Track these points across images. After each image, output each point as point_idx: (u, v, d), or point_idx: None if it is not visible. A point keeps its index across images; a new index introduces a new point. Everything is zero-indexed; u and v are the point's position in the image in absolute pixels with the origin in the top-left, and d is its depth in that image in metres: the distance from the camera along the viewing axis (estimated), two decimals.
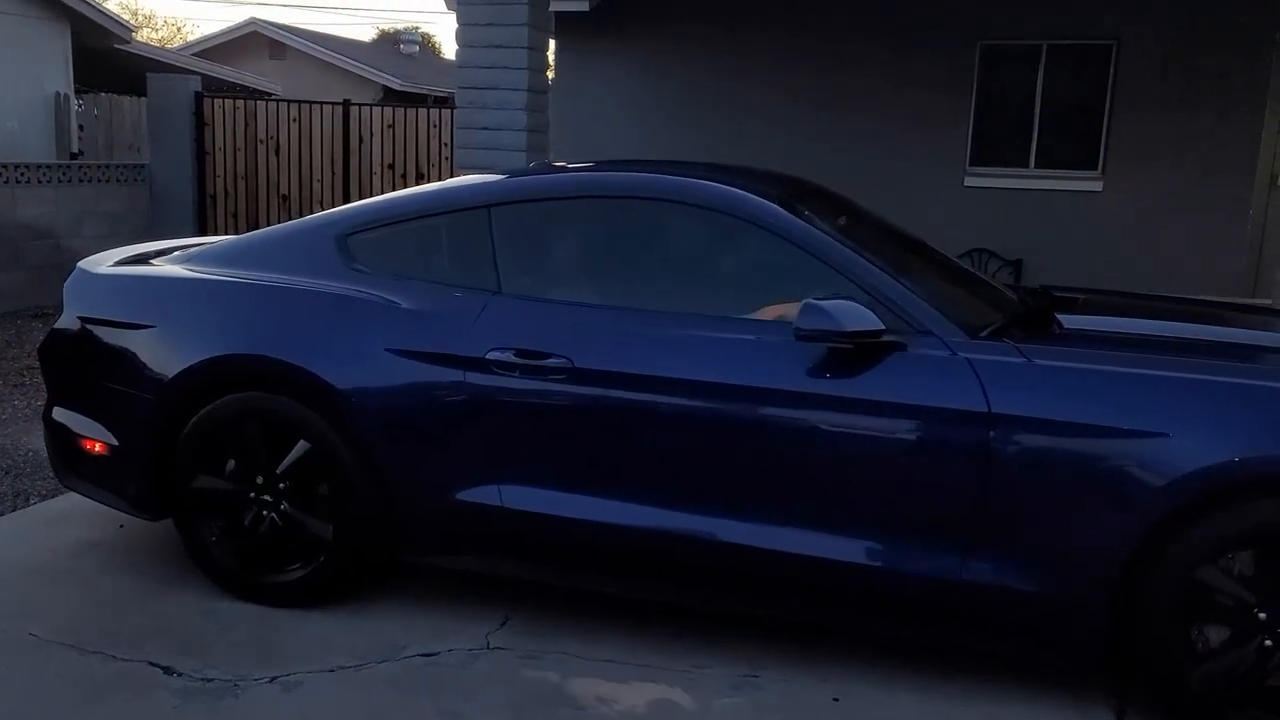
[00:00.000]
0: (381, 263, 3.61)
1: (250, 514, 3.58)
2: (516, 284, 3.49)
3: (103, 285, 3.89)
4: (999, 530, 2.96)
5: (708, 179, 3.52)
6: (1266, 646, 2.81)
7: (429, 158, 11.03)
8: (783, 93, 9.97)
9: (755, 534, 3.15)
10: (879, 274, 3.19)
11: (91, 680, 3.12)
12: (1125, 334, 3.40)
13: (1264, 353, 3.42)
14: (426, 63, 29.24)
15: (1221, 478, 2.77)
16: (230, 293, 3.65)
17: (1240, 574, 2.83)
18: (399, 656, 3.29)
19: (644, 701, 3.07)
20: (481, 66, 7.18)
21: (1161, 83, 9.06)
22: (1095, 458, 2.86)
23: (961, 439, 2.95)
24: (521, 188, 3.68)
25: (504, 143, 7.13)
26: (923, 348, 3.05)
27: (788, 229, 3.29)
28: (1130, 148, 9.23)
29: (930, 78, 9.64)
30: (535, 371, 3.29)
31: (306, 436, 3.46)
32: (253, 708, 2.99)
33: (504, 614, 3.59)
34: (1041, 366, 2.97)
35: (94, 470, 3.83)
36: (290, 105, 11.47)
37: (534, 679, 3.18)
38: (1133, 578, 2.87)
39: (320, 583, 3.54)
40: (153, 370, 3.61)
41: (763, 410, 3.12)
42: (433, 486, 3.40)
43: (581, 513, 3.29)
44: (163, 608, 3.58)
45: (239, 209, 11.52)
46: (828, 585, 3.15)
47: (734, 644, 3.41)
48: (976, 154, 9.69)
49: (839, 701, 3.09)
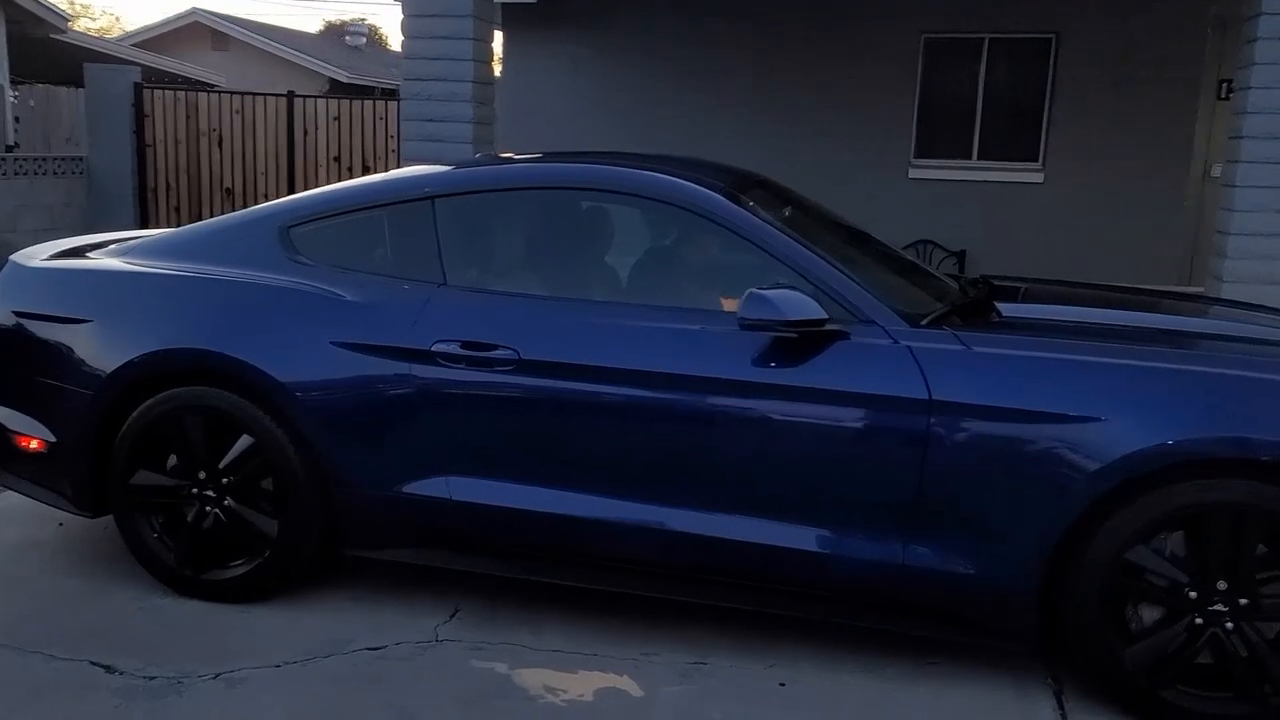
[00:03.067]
0: (324, 255, 3.58)
1: (192, 510, 3.53)
2: (462, 276, 3.48)
3: (38, 279, 3.81)
4: (939, 515, 3.01)
5: (652, 170, 3.53)
6: (1197, 625, 2.88)
7: (375, 150, 10.94)
8: (728, 86, 10.01)
9: (703, 522, 3.18)
10: (822, 264, 3.22)
11: (30, 681, 3.07)
12: (1062, 322, 3.47)
13: (1196, 339, 3.51)
14: (374, 55, 28.96)
15: (1155, 461, 2.83)
16: (170, 286, 3.60)
17: (1172, 554, 2.91)
18: (345, 650, 3.27)
19: (592, 690, 3.08)
20: (427, 58, 7.14)
21: (1100, 76, 9.23)
22: (1032, 442, 2.92)
23: (903, 426, 2.99)
24: (466, 179, 3.67)
25: (450, 134, 7.10)
26: (865, 336, 3.09)
27: (731, 219, 3.31)
28: (1070, 140, 9.40)
29: (874, 71, 9.73)
30: (482, 363, 3.28)
31: (249, 431, 3.43)
32: (196, 706, 2.96)
33: (453, 606, 3.58)
34: (980, 354, 3.02)
35: (31, 468, 3.76)
36: (233, 97, 11.32)
37: (482, 670, 3.18)
38: (1067, 559, 2.94)
39: (264, 578, 3.51)
40: (90, 365, 3.55)
41: (708, 399, 3.14)
42: (379, 480, 3.39)
43: (530, 504, 3.30)
44: (104, 606, 3.53)
45: (181, 202, 11.34)
46: (774, 572, 3.18)
47: (682, 632, 3.43)
48: (920, 146, 9.81)
49: (785, 686, 3.13)
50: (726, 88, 10.00)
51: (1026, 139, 9.57)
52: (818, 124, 9.78)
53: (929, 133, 9.77)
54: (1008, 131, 9.60)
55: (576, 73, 10.54)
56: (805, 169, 8.36)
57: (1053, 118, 9.46)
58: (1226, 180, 6.28)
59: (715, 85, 10.04)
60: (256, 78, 20.50)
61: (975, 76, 9.60)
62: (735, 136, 9.55)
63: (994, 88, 9.59)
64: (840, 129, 9.75)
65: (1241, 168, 6.04)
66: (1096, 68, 9.25)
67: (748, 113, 9.91)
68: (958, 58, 9.64)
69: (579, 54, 10.53)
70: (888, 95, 9.73)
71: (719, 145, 8.15)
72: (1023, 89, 9.53)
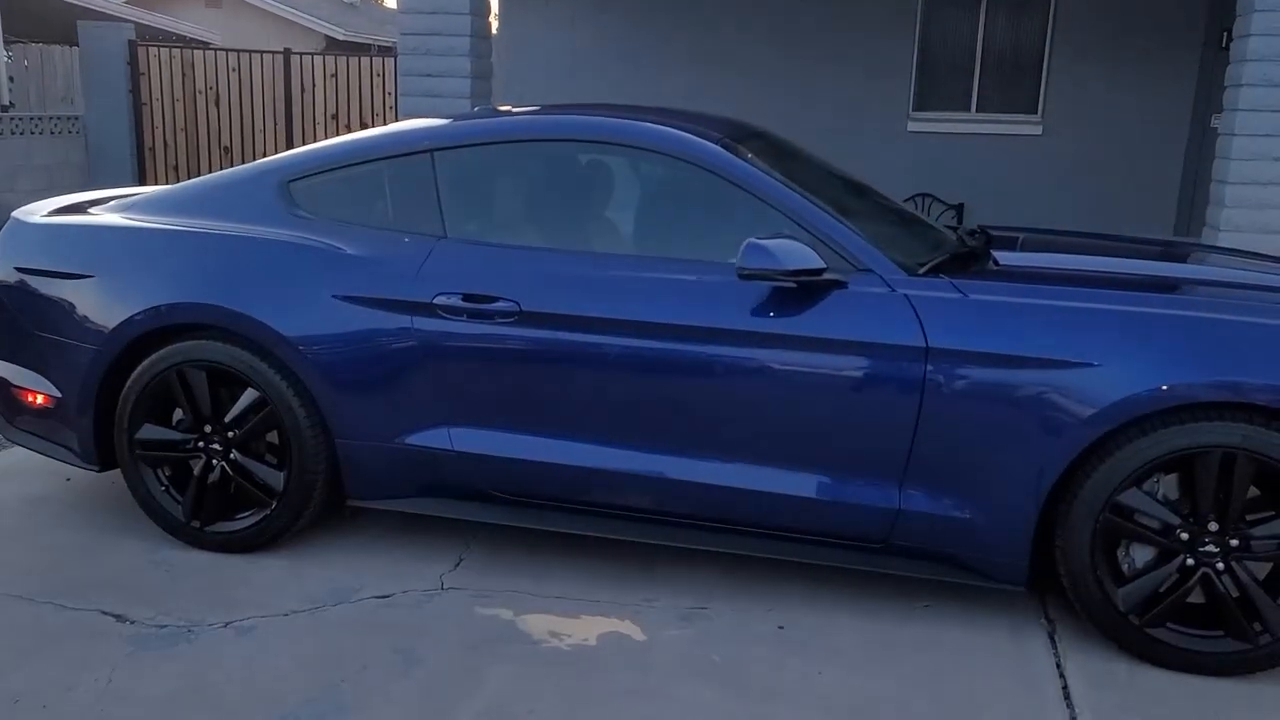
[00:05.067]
0: (325, 209, 3.60)
1: (199, 464, 3.58)
2: (462, 228, 3.50)
3: (39, 235, 3.83)
4: (936, 461, 3.06)
5: (650, 121, 3.53)
6: (1189, 565, 2.94)
7: (373, 107, 10.89)
8: (728, 40, 9.94)
9: (701, 470, 3.23)
10: (820, 214, 3.24)
11: (43, 629, 3.13)
12: (1058, 270, 3.49)
13: (1191, 285, 3.53)
14: (369, 12, 28.67)
15: (1148, 405, 2.87)
16: (172, 241, 3.62)
17: (1164, 497, 2.96)
18: (353, 599, 3.33)
19: (594, 635, 3.14)
20: (424, 12, 7.10)
21: (1099, 27, 9.17)
22: (1027, 388, 2.95)
23: (900, 373, 3.03)
24: (465, 132, 3.67)
25: (448, 90, 7.08)
26: (863, 285, 3.11)
27: (730, 170, 3.32)
28: (1068, 92, 9.36)
29: (873, 23, 9.67)
30: (483, 315, 3.31)
31: (253, 385, 3.46)
32: (207, 652, 3.02)
33: (458, 555, 3.64)
34: (976, 301, 3.05)
35: (38, 423, 3.80)
36: (230, 55, 11.25)
37: (487, 617, 3.24)
38: (1061, 502, 2.99)
39: (271, 529, 3.56)
40: (94, 320, 3.58)
41: (708, 349, 3.17)
42: (382, 431, 3.43)
43: (531, 454, 3.34)
44: (113, 558, 3.58)
45: (179, 160, 11.31)
46: (774, 519, 3.23)
47: (683, 578, 3.49)
48: (919, 99, 9.77)
49: (784, 629, 3.19)
50: (723, 42, 9.94)
51: (1025, 91, 9.53)
52: (818, 77, 9.73)
53: (928, 85, 9.73)
54: (1007, 83, 9.56)
55: (574, 24, 10.46)
56: (806, 122, 8.34)
57: (1051, 70, 9.42)
58: (1225, 129, 6.27)
59: (712, 39, 9.97)
60: (251, 35, 20.35)
61: (974, 29, 9.54)
62: (732, 90, 9.51)
63: (993, 40, 9.53)
64: (840, 82, 9.70)
65: (1240, 115, 6.03)
66: (1096, 18, 9.19)
67: (748, 68, 9.86)
68: (957, 10, 9.57)
69: (577, 8, 10.45)
70: (886, 48, 9.67)
71: (715, 99, 8.11)
72: (1022, 41, 9.48)
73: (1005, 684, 2.93)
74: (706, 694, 2.85)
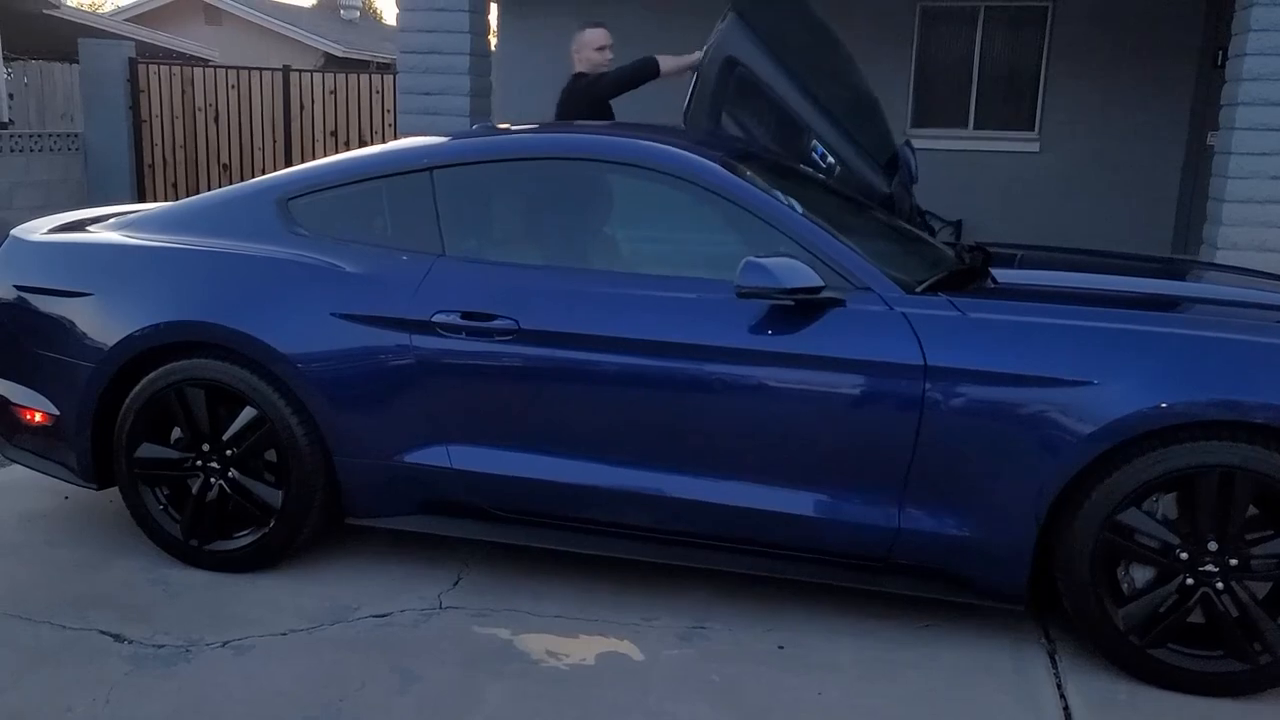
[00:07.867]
0: (323, 226, 3.60)
1: (197, 482, 3.57)
2: (461, 246, 3.50)
3: (38, 252, 3.83)
4: (935, 479, 3.05)
5: (650, 140, 3.54)
6: (1188, 585, 2.93)
7: (372, 124, 10.92)
8: None
9: (700, 488, 3.22)
10: (818, 232, 3.25)
11: (41, 648, 3.11)
12: (1056, 287, 3.49)
13: (1190, 303, 3.54)
14: (368, 29, 28.79)
15: (1147, 423, 2.87)
16: (171, 258, 3.62)
17: (1163, 516, 2.95)
18: (351, 618, 3.32)
19: (593, 654, 3.13)
20: (423, 30, 7.13)
21: (1096, 45, 9.21)
22: (1026, 406, 2.95)
23: (899, 391, 3.03)
24: (464, 150, 3.68)
25: (447, 107, 7.10)
26: (861, 303, 3.12)
27: (728, 188, 3.33)
28: (1066, 109, 9.39)
29: (870, 39, 9.68)
30: (482, 333, 3.31)
31: (251, 403, 3.46)
32: (205, 671, 3.01)
33: (456, 573, 3.63)
34: (975, 319, 3.05)
35: (36, 441, 3.79)
36: (229, 72, 11.28)
37: (485, 636, 3.23)
38: (1060, 521, 2.99)
39: (269, 548, 3.55)
40: (93, 338, 3.58)
41: (706, 367, 3.17)
42: (381, 449, 3.43)
43: (529, 471, 3.34)
44: (111, 577, 3.57)
45: (179, 178, 11.33)
46: (773, 537, 3.22)
47: (682, 597, 3.48)
48: (917, 115, 9.79)
49: (783, 649, 3.18)
50: None
51: (1022, 108, 9.56)
52: None
53: (925, 102, 9.76)
54: (1004, 101, 9.60)
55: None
56: None
57: (1048, 87, 9.45)
58: (1221, 147, 6.30)
59: None
60: (250, 52, 20.42)
61: (971, 45, 9.58)
62: None
63: (990, 57, 9.58)
64: None
65: (1236, 134, 6.05)
66: (1092, 36, 9.23)
67: None
68: (954, 27, 9.62)
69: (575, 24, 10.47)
70: (884, 64, 9.68)
71: None
72: (1019, 58, 9.52)
73: (1006, 704, 2.92)
74: (705, 713, 2.84)
